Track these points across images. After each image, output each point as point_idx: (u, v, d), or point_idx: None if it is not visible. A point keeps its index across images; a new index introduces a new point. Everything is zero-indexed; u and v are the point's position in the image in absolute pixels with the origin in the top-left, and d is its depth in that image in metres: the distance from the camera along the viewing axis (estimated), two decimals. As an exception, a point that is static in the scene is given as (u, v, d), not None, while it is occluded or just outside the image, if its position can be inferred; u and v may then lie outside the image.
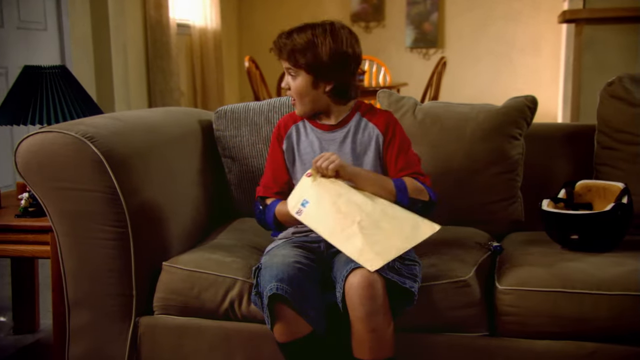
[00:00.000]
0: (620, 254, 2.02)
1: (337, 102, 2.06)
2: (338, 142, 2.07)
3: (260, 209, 2.10)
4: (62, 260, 2.10)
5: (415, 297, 1.84)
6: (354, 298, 1.76)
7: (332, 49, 1.96)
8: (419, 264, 1.93)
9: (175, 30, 6.03)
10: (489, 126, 2.40)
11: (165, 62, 5.91)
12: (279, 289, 1.78)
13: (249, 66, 5.73)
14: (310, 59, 1.97)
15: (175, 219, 2.26)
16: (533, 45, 7.06)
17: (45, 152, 2.05)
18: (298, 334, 1.82)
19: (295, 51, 1.98)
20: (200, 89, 6.67)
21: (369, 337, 1.77)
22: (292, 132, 2.12)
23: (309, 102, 2.05)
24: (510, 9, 7.03)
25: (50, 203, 2.08)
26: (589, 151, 2.47)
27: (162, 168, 2.25)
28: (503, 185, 2.40)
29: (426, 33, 7.14)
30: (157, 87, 5.90)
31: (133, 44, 5.67)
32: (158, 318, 2.10)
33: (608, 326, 1.85)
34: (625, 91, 2.36)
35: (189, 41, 6.57)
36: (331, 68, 1.97)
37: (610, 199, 2.13)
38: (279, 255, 1.94)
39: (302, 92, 2.03)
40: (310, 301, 1.83)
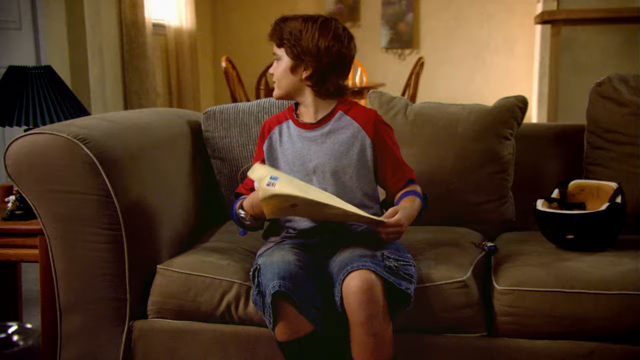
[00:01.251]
0: (616, 254, 2.03)
1: (317, 93, 2.05)
2: (318, 142, 2.05)
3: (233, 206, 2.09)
4: (53, 264, 2.07)
5: (411, 299, 1.84)
6: (354, 302, 1.75)
7: (316, 38, 1.98)
8: (414, 265, 1.93)
9: (151, 30, 5.97)
10: (480, 126, 2.41)
11: (141, 63, 5.85)
12: (282, 286, 1.77)
13: (225, 66, 5.69)
14: (293, 41, 2.00)
15: (166, 221, 2.23)
16: (507, 46, 7.11)
17: (37, 154, 2.02)
18: (299, 333, 1.81)
19: (283, 32, 2.03)
20: (175, 90, 6.61)
21: (370, 341, 1.76)
22: (274, 132, 2.12)
23: (285, 85, 2.06)
24: (484, 10, 7.07)
25: (42, 206, 2.05)
26: (578, 151, 2.49)
27: (154, 170, 2.22)
28: (494, 186, 2.41)
29: (401, 33, 7.16)
30: (133, 88, 5.83)
31: (109, 44, 5.61)
32: (152, 322, 2.07)
33: (606, 325, 1.86)
34: (615, 91, 2.38)
35: (164, 41, 6.51)
36: (312, 55, 1.99)
37: (603, 199, 2.15)
38: (277, 255, 1.92)
39: (281, 75, 2.05)
40: (311, 300, 1.82)
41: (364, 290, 1.74)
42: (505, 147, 2.41)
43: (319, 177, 2.03)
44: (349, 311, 1.77)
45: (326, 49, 1.99)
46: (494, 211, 2.42)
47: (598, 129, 2.40)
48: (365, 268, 1.77)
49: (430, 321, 1.93)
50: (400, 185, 2.05)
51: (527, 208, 2.44)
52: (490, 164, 2.40)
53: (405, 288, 1.81)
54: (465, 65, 7.16)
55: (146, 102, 5.86)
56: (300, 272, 1.83)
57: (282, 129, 2.11)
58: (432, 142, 2.43)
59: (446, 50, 7.15)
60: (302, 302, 1.79)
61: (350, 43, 2.06)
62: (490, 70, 7.13)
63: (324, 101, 2.06)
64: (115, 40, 5.77)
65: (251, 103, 2.61)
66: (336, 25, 2.04)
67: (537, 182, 2.53)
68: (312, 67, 2.00)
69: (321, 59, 1.99)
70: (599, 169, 2.38)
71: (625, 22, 4.29)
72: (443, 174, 2.40)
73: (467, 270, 1.99)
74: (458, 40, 7.15)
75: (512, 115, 2.43)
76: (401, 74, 6.84)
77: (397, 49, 7.23)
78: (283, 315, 1.81)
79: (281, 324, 1.82)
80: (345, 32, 2.05)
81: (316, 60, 1.99)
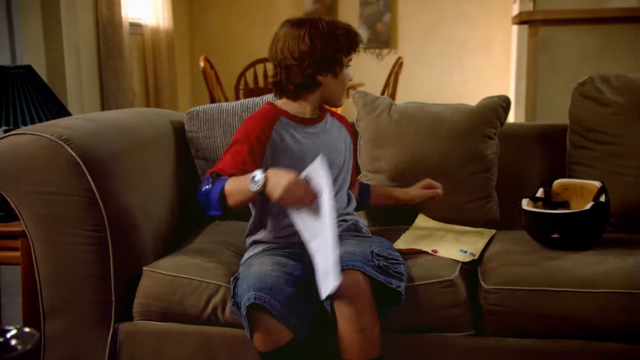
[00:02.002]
0: (600, 252, 2.05)
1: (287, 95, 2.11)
2: (319, 134, 2.11)
3: (208, 187, 1.94)
4: (36, 266, 2.04)
5: (402, 297, 1.84)
6: (342, 299, 1.75)
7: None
8: (403, 263, 1.93)
9: (128, 29, 5.93)
10: (464, 126, 2.42)
11: (118, 62, 5.80)
12: (257, 298, 1.76)
13: (204, 66, 5.66)
14: None
15: (151, 222, 2.22)
16: (483, 46, 7.14)
17: (19, 155, 1.99)
18: (279, 342, 1.79)
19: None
20: (153, 90, 6.56)
21: (357, 337, 1.76)
22: (277, 126, 2.05)
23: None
24: (461, 10, 7.10)
25: (25, 208, 2.02)
26: (561, 150, 2.50)
27: (138, 170, 2.20)
28: (479, 185, 2.42)
29: (379, 33, 7.17)
30: (110, 88, 5.78)
31: (85, 43, 5.55)
32: (138, 324, 2.05)
33: (593, 324, 1.87)
34: (597, 91, 2.40)
35: (141, 41, 6.46)
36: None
37: (587, 198, 2.16)
38: (256, 264, 1.91)
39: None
40: (292, 307, 1.80)
41: (351, 286, 1.74)
42: (489, 146, 2.42)
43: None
44: (337, 308, 1.76)
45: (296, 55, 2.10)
46: (478, 210, 2.43)
47: (581, 128, 2.42)
48: (354, 268, 1.77)
49: (418, 320, 1.93)
50: (355, 183, 2.33)
51: (511, 207, 2.46)
52: (474, 164, 2.41)
53: (395, 286, 1.81)
54: (442, 65, 7.19)
55: (123, 103, 5.82)
56: (278, 280, 1.81)
57: (278, 129, 2.05)
58: (416, 142, 2.43)
59: (424, 50, 7.17)
60: (281, 311, 1.77)
61: (321, 38, 2.09)
62: (468, 69, 7.17)
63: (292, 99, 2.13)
64: (92, 40, 5.71)
65: (235, 103, 2.59)
66: (303, 26, 2.11)
67: (520, 181, 2.54)
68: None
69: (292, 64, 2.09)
70: (581, 168, 2.40)
71: (602, 22, 4.34)
72: (427, 173, 2.40)
73: (454, 269, 1.99)
74: (436, 40, 7.18)
75: (496, 115, 2.44)
76: (379, 74, 6.85)
77: (375, 48, 7.23)
78: (260, 326, 1.79)
79: (259, 335, 1.80)
80: (312, 27, 2.10)
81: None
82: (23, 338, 0.91)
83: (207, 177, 1.98)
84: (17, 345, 0.89)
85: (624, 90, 2.38)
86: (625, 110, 2.34)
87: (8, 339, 0.91)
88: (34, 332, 0.93)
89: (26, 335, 0.92)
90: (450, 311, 1.93)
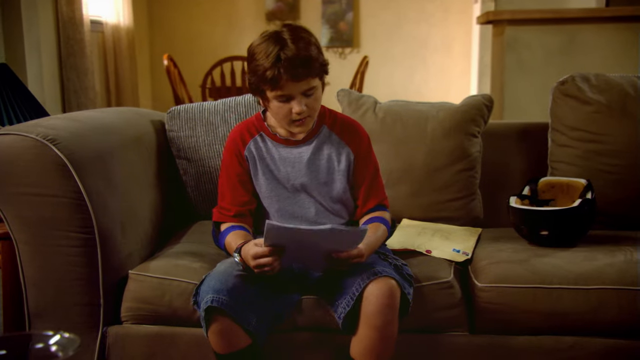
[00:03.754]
0: (588, 249, 2.08)
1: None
2: (306, 159, 2.00)
3: (214, 235, 2.07)
4: (21, 269, 1.99)
5: (410, 305, 1.84)
6: (373, 306, 1.73)
7: (318, 44, 1.92)
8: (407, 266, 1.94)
9: (89, 27, 5.82)
10: (450, 124, 2.43)
11: (80, 60, 5.69)
12: (215, 300, 1.73)
13: (167, 64, 5.60)
14: (322, 64, 1.89)
15: (137, 223, 2.18)
16: (444, 45, 7.20)
17: (4, 156, 1.94)
18: (236, 347, 1.77)
19: (314, 62, 1.85)
20: (114, 89, 6.46)
21: (380, 345, 1.76)
22: (250, 146, 2.02)
23: (317, 112, 1.95)
24: (422, 10, 7.15)
25: (9, 209, 1.97)
26: (542, 149, 2.53)
27: (123, 171, 2.17)
28: (463, 183, 2.43)
29: (342, 32, 7.18)
30: (72, 86, 5.67)
31: (45, 41, 5.44)
32: (127, 327, 2.02)
33: (585, 320, 1.90)
34: (579, 90, 2.43)
35: (101, 39, 6.36)
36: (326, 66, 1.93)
37: (572, 195, 2.19)
38: (226, 263, 1.90)
39: (319, 103, 1.94)
40: (253, 309, 1.78)
41: (387, 296, 1.73)
42: (473, 144, 2.44)
43: (303, 196, 2.01)
44: (367, 315, 1.74)
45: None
46: (462, 208, 2.44)
47: (562, 126, 2.45)
48: (389, 275, 1.77)
49: (415, 322, 1.92)
50: (370, 206, 2.03)
51: (494, 205, 2.49)
52: (459, 162, 2.42)
53: (407, 293, 1.81)
54: (405, 64, 7.23)
55: (85, 102, 5.71)
56: (241, 282, 1.78)
57: (257, 142, 2.02)
58: (402, 140, 2.43)
59: (387, 49, 7.20)
60: (240, 314, 1.75)
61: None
62: (430, 69, 7.22)
63: None
64: (52, 38, 5.60)
65: (216, 102, 2.57)
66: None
67: (502, 179, 2.56)
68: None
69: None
70: (563, 166, 2.43)
71: (567, 22, 4.41)
72: (413, 172, 2.41)
73: (449, 270, 2.00)
74: (398, 39, 7.22)
75: (480, 113, 2.46)
76: (342, 73, 6.85)
77: (338, 47, 7.24)
78: (218, 329, 1.76)
79: (216, 337, 1.77)
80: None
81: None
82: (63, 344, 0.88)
83: (213, 221, 2.07)
84: (58, 352, 0.86)
85: (604, 89, 2.41)
86: (607, 109, 2.38)
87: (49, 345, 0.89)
88: (74, 338, 0.90)
89: (66, 340, 0.89)
90: (447, 312, 1.95)
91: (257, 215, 2.07)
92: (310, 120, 1.93)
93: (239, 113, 2.50)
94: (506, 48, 4.54)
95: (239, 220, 2.01)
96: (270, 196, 2.02)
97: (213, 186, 2.48)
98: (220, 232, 2.02)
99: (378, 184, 2.05)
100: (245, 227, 2.00)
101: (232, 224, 2.00)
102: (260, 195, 2.04)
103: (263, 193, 2.03)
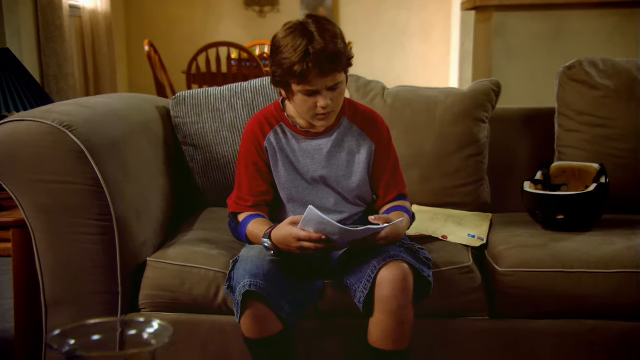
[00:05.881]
0: (603, 233, 2.11)
1: None
2: (326, 152, 1.99)
3: (233, 226, 2.05)
4: (38, 257, 1.96)
5: (431, 286, 1.84)
6: (387, 290, 1.74)
7: (343, 36, 1.90)
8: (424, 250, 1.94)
9: (68, 12, 5.73)
10: (459, 109, 2.44)
11: (59, 46, 5.59)
12: (252, 285, 1.73)
13: (148, 50, 5.54)
14: (348, 58, 1.90)
15: (150, 210, 2.16)
16: (423, 31, 7.22)
17: (19, 142, 1.90)
18: (268, 332, 1.77)
19: (342, 57, 1.85)
20: (92, 75, 6.37)
21: (397, 329, 1.76)
22: (270, 137, 2.01)
23: (340, 106, 1.95)
24: (402, -4, 7.18)
25: (25, 197, 1.93)
26: (548, 134, 2.55)
27: (135, 157, 2.14)
28: (472, 168, 2.44)
29: (321, 18, 7.15)
30: (52, 72, 5.57)
31: (25, 26, 5.34)
32: (146, 315, 1.99)
33: (606, 303, 1.93)
34: (586, 75, 2.45)
35: (79, 24, 6.26)
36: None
37: (585, 180, 2.22)
38: (256, 248, 1.89)
39: (342, 97, 1.93)
40: (285, 295, 1.78)
41: (400, 280, 1.73)
42: (481, 130, 2.45)
43: (322, 187, 2.01)
44: (381, 300, 1.75)
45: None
46: (471, 194, 2.45)
47: (570, 111, 2.47)
48: (401, 259, 1.76)
49: (436, 307, 1.94)
50: (390, 197, 2.03)
51: (501, 190, 2.51)
52: (468, 147, 2.43)
53: (427, 275, 1.81)
54: (384, 51, 7.24)
55: (66, 88, 5.62)
56: (275, 267, 1.79)
57: (277, 133, 2.01)
58: (411, 126, 2.44)
59: (366, 35, 7.19)
60: (275, 299, 1.75)
61: None
62: (409, 55, 7.24)
63: None
64: (31, 22, 5.50)
65: (222, 88, 2.54)
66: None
67: (508, 164, 2.58)
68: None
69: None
70: (571, 151, 2.44)
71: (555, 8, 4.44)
72: (422, 157, 2.42)
73: (467, 255, 2.02)
74: (377, 26, 7.22)
75: (488, 99, 2.47)
76: (322, 59, 6.82)
77: (318, 33, 7.21)
78: (252, 314, 1.75)
79: (250, 322, 1.77)
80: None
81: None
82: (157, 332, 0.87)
83: (229, 217, 2.06)
84: (151, 339, 0.85)
85: (612, 74, 2.44)
86: (615, 94, 2.41)
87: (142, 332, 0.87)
88: (167, 326, 0.89)
89: (160, 328, 0.87)
90: (467, 297, 1.96)
91: (272, 205, 2.06)
92: (334, 115, 1.93)
93: (246, 99, 2.48)
94: (493, 34, 4.56)
95: (256, 210, 2.00)
96: (289, 187, 2.01)
97: (221, 173, 2.46)
98: (239, 223, 2.00)
99: (398, 175, 2.06)
100: (264, 216, 1.99)
101: (250, 213, 1.99)
102: (279, 186, 2.03)
103: (282, 184, 2.02)
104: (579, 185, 2.22)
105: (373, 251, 1.79)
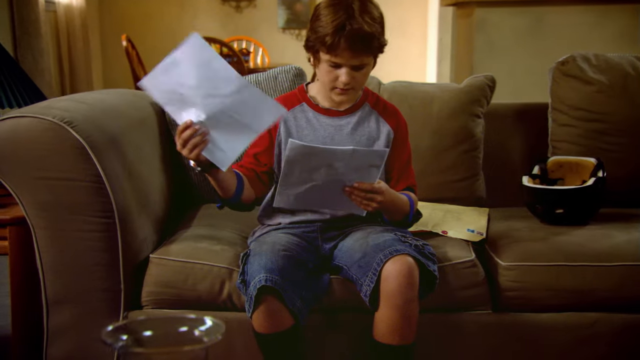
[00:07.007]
0: (602, 227, 2.13)
1: None
2: (348, 130, 2.00)
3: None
4: (39, 255, 1.93)
5: (437, 281, 1.85)
6: (393, 285, 1.74)
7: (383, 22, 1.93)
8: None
9: (43, 6, 5.65)
10: (455, 104, 2.45)
11: (35, 40, 5.51)
12: (268, 280, 1.72)
13: (126, 45, 5.49)
14: (381, 41, 1.93)
15: (149, 207, 2.14)
16: (400, 28, 7.25)
17: (20, 139, 1.87)
18: (280, 328, 1.77)
19: (375, 40, 1.90)
20: (67, 71, 6.30)
21: (403, 324, 1.76)
22: (289, 117, 2.00)
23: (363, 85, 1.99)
24: (378, -9, 7.18)
25: (26, 194, 1.90)
26: (541, 128, 2.57)
27: (134, 153, 2.12)
28: (468, 163, 2.46)
29: (298, 14, 7.15)
30: (27, 67, 5.48)
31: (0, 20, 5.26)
32: (148, 312, 1.98)
33: (608, 296, 1.95)
34: (580, 70, 2.47)
35: (54, 18, 6.19)
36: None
37: (582, 174, 2.24)
38: (268, 243, 1.88)
39: (366, 78, 1.97)
40: (298, 290, 1.78)
41: (405, 274, 1.74)
42: (477, 125, 2.47)
43: None
44: (387, 294, 1.75)
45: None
46: (467, 189, 2.47)
47: (563, 106, 2.49)
48: (406, 253, 1.77)
49: (439, 301, 1.94)
50: (400, 188, 2.03)
51: (494, 184, 2.52)
52: (464, 142, 2.44)
53: (432, 270, 1.82)
54: (360, 46, 7.24)
55: (42, 83, 5.54)
56: (288, 262, 1.78)
57: (296, 113, 2.01)
58: (408, 121, 2.42)
59: (343, 31, 7.19)
60: (288, 294, 1.74)
61: None
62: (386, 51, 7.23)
63: None
64: (6, 17, 5.41)
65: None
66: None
67: (502, 159, 2.60)
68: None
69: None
70: (565, 145, 2.47)
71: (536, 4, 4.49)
72: (419, 153, 2.41)
73: (469, 249, 2.03)
74: (354, 21, 7.21)
75: (483, 94, 2.49)
76: (299, 54, 6.79)
77: (295, 29, 7.21)
78: (265, 308, 1.75)
79: (263, 318, 1.76)
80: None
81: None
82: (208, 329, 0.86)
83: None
84: (203, 336, 0.84)
85: (605, 69, 2.47)
86: (608, 88, 2.44)
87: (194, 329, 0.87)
88: (220, 323, 0.88)
89: (212, 325, 0.87)
90: (471, 291, 1.97)
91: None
92: (353, 92, 1.95)
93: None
94: (475, 30, 4.59)
95: (238, 168, 1.97)
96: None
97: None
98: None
99: (410, 169, 2.07)
100: (239, 174, 1.95)
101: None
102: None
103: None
104: (575, 179, 2.25)
105: (378, 245, 1.80)
